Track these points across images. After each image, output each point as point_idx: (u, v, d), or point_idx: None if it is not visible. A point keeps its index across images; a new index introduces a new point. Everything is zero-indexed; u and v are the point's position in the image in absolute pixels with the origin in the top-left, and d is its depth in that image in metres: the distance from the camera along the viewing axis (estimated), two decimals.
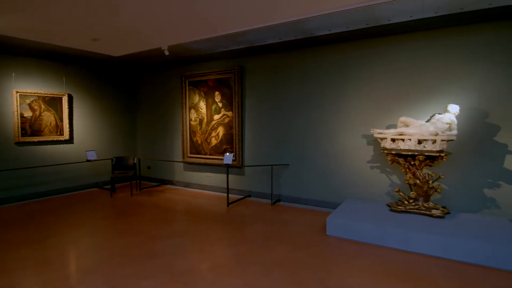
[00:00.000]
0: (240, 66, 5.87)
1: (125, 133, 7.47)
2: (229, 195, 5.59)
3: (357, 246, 3.62)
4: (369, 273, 2.99)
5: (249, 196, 5.97)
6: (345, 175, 5.00)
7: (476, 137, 4.07)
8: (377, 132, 4.23)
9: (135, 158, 6.46)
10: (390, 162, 4.24)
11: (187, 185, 6.86)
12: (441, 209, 3.96)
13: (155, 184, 7.26)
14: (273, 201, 5.52)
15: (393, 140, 4.09)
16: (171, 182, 7.13)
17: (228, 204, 5.39)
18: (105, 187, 6.75)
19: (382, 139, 4.21)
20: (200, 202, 5.71)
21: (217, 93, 6.18)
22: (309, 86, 5.25)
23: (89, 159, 6.13)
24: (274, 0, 3.55)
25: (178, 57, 6.22)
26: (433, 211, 3.92)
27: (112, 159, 6.39)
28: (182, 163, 6.88)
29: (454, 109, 3.85)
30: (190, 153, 6.63)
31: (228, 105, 6.05)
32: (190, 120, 6.59)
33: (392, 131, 4.12)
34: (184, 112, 6.64)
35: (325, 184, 5.18)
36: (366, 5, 3.56)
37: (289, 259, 3.29)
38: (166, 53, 5.40)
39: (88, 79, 6.69)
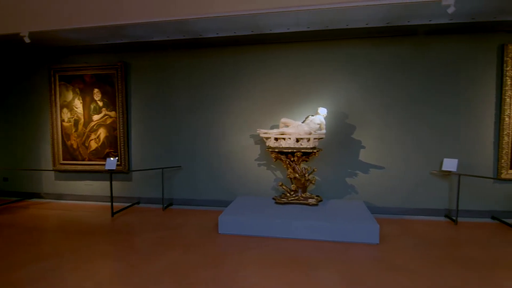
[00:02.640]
0: (123, 62, 5.40)
1: None
2: (114, 203, 5.07)
3: (247, 240, 3.81)
4: (258, 264, 3.18)
5: (138, 203, 5.55)
6: (236, 174, 5.21)
7: (340, 135, 4.87)
8: (262, 132, 4.56)
9: None
10: (274, 159, 4.64)
11: (60, 197, 5.88)
12: (316, 198, 4.57)
13: (15, 199, 5.93)
14: (165, 205, 5.28)
15: (276, 139, 4.49)
16: (38, 195, 5.98)
17: (113, 214, 4.87)
18: None
19: (267, 138, 4.56)
20: (77, 215, 4.97)
21: (96, 90, 5.51)
22: (200, 86, 5.26)
23: None
24: None
25: (46, 47, 5.27)
26: (309, 200, 4.50)
27: None
28: (53, 172, 5.86)
29: (323, 111, 4.51)
30: (64, 160, 5.70)
31: (111, 104, 5.47)
32: (63, 121, 5.67)
33: (275, 131, 4.52)
34: (54, 111, 5.67)
35: (218, 183, 5.28)
36: (247, 13, 3.80)
37: (180, 263, 3.21)
38: (27, 40, 4.49)
39: None
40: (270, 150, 4.54)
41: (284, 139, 4.46)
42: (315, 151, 4.41)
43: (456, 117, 4.59)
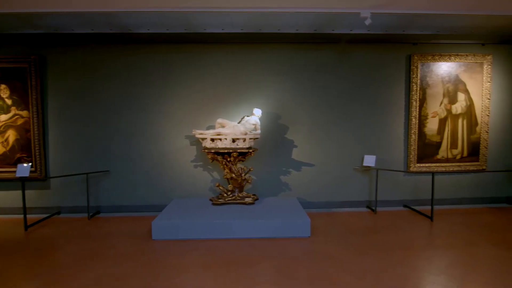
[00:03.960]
0: (39, 55, 4.79)
1: None
2: (29, 215, 4.47)
3: (183, 244, 3.70)
4: (196, 267, 3.11)
5: (58, 213, 4.98)
6: (171, 176, 5.03)
7: (274, 135, 5.05)
8: (198, 133, 4.48)
9: None
10: (211, 160, 4.60)
11: None
12: (252, 196, 4.67)
13: None
14: (91, 214, 4.82)
15: (212, 139, 4.46)
16: None
17: (27, 227, 4.28)
18: None
19: (203, 139, 4.50)
20: None
21: (3, 86, 4.78)
22: (129, 85, 4.94)
23: None
24: None
25: None
26: (246, 199, 4.58)
27: None
28: None
29: (258, 112, 4.62)
30: None
31: (22, 102, 4.80)
32: None
33: (211, 131, 4.49)
34: None
35: (152, 187, 5.03)
36: (180, 11, 3.71)
37: (112, 275, 2.97)
38: None
39: None
40: (206, 151, 4.49)
41: (220, 139, 4.45)
42: (251, 151, 4.50)
43: (373, 118, 5.14)
